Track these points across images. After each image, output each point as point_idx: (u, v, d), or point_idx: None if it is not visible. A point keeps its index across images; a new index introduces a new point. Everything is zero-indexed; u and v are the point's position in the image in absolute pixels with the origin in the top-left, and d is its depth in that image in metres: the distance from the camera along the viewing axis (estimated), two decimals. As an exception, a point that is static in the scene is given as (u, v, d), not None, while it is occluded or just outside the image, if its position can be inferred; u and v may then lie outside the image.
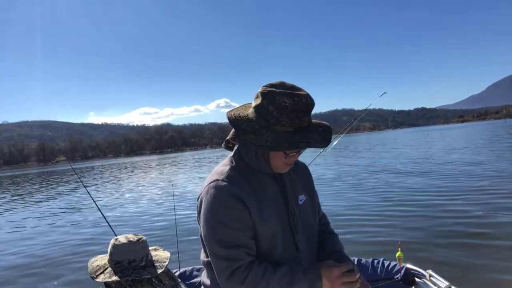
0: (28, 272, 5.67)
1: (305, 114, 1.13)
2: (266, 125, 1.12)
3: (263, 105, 1.13)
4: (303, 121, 1.13)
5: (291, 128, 1.12)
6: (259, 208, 1.18)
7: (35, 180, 35.85)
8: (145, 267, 1.53)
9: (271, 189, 1.25)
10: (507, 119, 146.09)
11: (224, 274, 1.13)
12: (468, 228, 5.50)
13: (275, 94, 1.11)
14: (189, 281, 2.71)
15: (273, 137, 1.11)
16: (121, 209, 10.84)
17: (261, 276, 1.12)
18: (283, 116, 1.10)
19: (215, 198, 1.16)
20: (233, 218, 1.14)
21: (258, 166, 1.22)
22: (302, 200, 1.32)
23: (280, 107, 1.10)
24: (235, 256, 1.12)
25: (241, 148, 1.25)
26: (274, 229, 1.20)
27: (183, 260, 3.43)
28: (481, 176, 10.17)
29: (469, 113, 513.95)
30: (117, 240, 1.58)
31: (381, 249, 4.87)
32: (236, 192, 1.16)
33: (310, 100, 1.13)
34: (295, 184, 1.33)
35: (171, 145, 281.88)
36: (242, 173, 1.22)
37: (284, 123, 1.11)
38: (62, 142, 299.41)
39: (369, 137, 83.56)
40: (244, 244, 1.14)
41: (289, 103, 1.09)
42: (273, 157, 1.19)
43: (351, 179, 12.19)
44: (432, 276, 2.28)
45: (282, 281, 1.13)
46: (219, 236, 1.14)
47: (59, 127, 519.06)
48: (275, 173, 1.26)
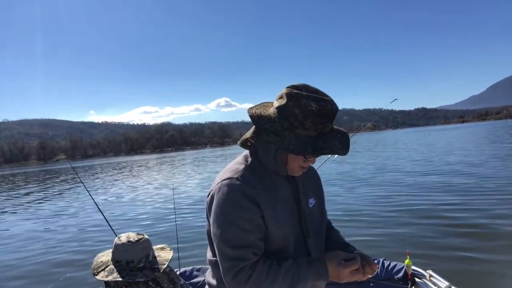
0: (20, 274, 5.66)
1: (330, 120, 1.12)
2: (289, 127, 1.10)
3: (289, 107, 1.10)
4: (327, 126, 1.12)
5: (314, 132, 1.10)
6: (273, 209, 1.17)
7: (35, 178, 35.86)
8: (142, 269, 1.51)
9: (285, 190, 1.24)
10: (507, 120, 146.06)
11: (230, 274, 1.12)
12: (468, 228, 5.50)
13: (302, 97, 1.09)
14: (189, 281, 2.71)
15: (296, 141, 1.09)
16: (121, 208, 10.83)
17: (265, 274, 1.10)
18: (308, 120, 1.08)
19: (227, 197, 1.14)
20: (244, 219, 1.12)
21: (274, 167, 1.20)
22: (312, 204, 1.31)
23: (306, 111, 1.08)
24: (241, 256, 1.11)
25: (260, 147, 1.22)
26: (286, 231, 1.19)
27: (183, 260, 3.43)
28: (482, 176, 10.16)
29: (470, 113, 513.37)
30: (119, 239, 1.57)
31: (382, 249, 4.88)
32: (250, 192, 1.14)
33: (336, 107, 1.13)
34: (307, 187, 1.32)
35: (172, 144, 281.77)
36: (256, 172, 1.20)
37: (308, 127, 1.09)
38: (63, 141, 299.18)
39: (370, 137, 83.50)
40: (252, 244, 1.12)
41: (315, 107, 1.08)
42: (291, 160, 1.18)
43: (351, 179, 12.19)
44: (432, 276, 2.28)
45: (287, 277, 1.11)
46: (228, 235, 1.12)
47: (59, 126, 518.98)
48: (288, 175, 1.25)
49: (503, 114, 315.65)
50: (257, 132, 1.22)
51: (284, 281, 1.10)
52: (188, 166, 30.62)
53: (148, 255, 1.57)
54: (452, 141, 31.12)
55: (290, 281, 1.11)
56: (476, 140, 29.64)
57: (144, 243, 1.57)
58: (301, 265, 1.13)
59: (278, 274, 1.10)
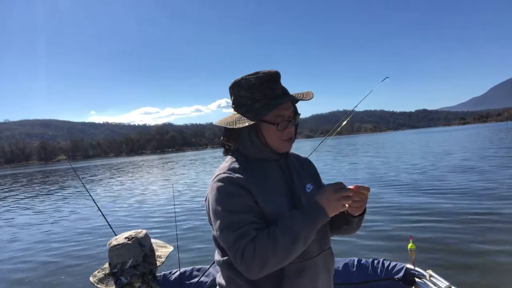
0: (22, 276, 5.66)
1: (273, 82, 1.18)
2: (247, 109, 1.19)
3: (236, 95, 1.22)
4: (275, 89, 1.18)
5: (267, 99, 1.17)
6: (265, 193, 1.17)
7: (37, 179, 35.90)
8: (111, 275, 1.48)
9: (276, 176, 1.24)
10: (508, 122, 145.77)
11: (238, 257, 1.07)
12: (468, 228, 5.49)
13: (240, 80, 1.20)
14: (189, 281, 2.70)
15: (256, 111, 1.18)
16: (121, 208, 10.86)
17: (266, 238, 1.07)
18: (255, 92, 1.17)
19: (218, 190, 1.16)
20: (239, 205, 1.13)
21: (257, 152, 1.23)
22: (310, 189, 1.30)
23: (248, 86, 1.18)
24: (243, 233, 1.09)
25: (238, 142, 1.27)
26: (282, 213, 1.16)
27: (183, 260, 3.43)
28: (482, 176, 10.15)
29: (471, 115, 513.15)
30: (112, 240, 1.56)
31: (383, 247, 4.87)
32: (238, 180, 1.16)
33: (274, 71, 1.20)
34: (301, 173, 1.33)
35: (172, 145, 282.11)
36: (243, 164, 1.23)
37: (259, 98, 1.17)
38: (63, 141, 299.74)
39: (370, 138, 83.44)
40: (251, 221, 1.12)
41: (254, 79, 1.17)
42: (267, 135, 1.21)
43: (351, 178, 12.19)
44: (432, 276, 2.28)
45: (285, 230, 1.08)
46: (226, 222, 1.12)
47: (60, 126, 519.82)
48: (279, 159, 1.27)
49: (504, 116, 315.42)
50: (227, 134, 1.29)
51: (284, 235, 1.07)
52: (189, 167, 30.65)
53: (125, 262, 1.48)
54: (455, 142, 31.10)
55: (291, 232, 1.07)
56: (480, 141, 29.62)
57: (121, 249, 1.50)
58: (293, 213, 1.12)
59: (276, 232, 1.08)
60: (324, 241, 1.26)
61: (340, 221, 1.27)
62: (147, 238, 1.60)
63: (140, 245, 1.53)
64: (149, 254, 1.56)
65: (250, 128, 1.19)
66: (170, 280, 2.72)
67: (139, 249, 1.52)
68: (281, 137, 1.21)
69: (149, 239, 1.61)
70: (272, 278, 1.14)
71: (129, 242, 1.51)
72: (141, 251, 1.52)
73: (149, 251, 1.57)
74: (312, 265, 1.20)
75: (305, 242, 1.09)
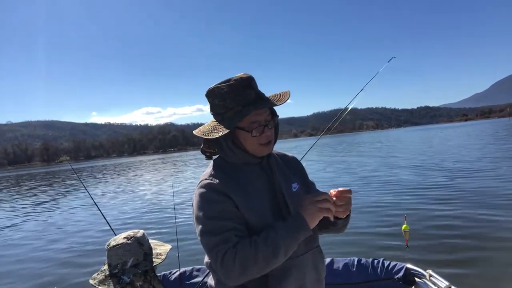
0: (21, 275, 5.67)
1: (245, 88, 1.16)
2: (222, 118, 1.20)
3: (211, 103, 1.23)
4: (247, 95, 1.17)
5: (239, 107, 1.17)
6: (245, 198, 1.18)
7: (37, 180, 36.00)
8: (112, 276, 1.48)
9: (259, 180, 1.25)
10: (510, 118, 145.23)
11: (218, 261, 1.09)
12: (468, 228, 5.46)
13: (213, 89, 1.20)
14: (189, 281, 2.70)
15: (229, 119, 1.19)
16: (121, 209, 10.87)
17: (248, 247, 1.09)
18: (227, 100, 1.17)
19: (200, 196, 1.18)
20: (219, 211, 1.14)
21: (237, 157, 1.24)
22: (296, 188, 1.31)
23: (221, 95, 1.17)
24: (224, 239, 1.10)
25: (218, 149, 1.28)
26: (264, 218, 1.18)
27: (183, 260, 3.42)
28: (483, 176, 10.10)
29: (473, 111, 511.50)
30: (110, 241, 1.55)
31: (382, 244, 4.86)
32: (218, 187, 1.17)
33: (246, 76, 1.19)
34: (286, 173, 1.33)
35: (174, 145, 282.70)
36: (224, 170, 1.24)
37: (231, 106, 1.17)
38: (66, 142, 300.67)
39: (373, 135, 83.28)
40: (232, 228, 1.13)
41: (225, 87, 1.16)
42: (245, 142, 1.21)
43: (352, 176, 12.17)
44: (432, 276, 2.27)
45: (267, 241, 1.10)
46: (207, 228, 1.13)
47: (62, 127, 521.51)
48: (261, 162, 1.28)
49: (506, 112, 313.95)
50: (206, 141, 1.30)
51: (266, 246, 1.09)
52: (190, 167, 30.68)
53: (126, 262, 1.49)
54: (453, 139, 30.99)
55: (272, 243, 1.09)
56: (482, 138, 29.50)
57: (120, 249, 1.50)
58: (277, 225, 1.13)
59: (258, 242, 1.09)
60: (311, 239, 1.26)
61: (327, 223, 1.27)
62: (145, 237, 1.61)
63: (139, 244, 1.54)
64: (149, 252, 1.57)
65: (227, 136, 1.19)
66: (170, 280, 2.72)
67: (139, 248, 1.53)
68: (259, 142, 1.21)
69: (147, 239, 1.62)
70: (259, 277, 1.14)
71: (128, 242, 1.52)
72: (141, 250, 1.53)
73: (149, 250, 1.58)
74: (299, 263, 1.21)
75: (285, 253, 1.11)
